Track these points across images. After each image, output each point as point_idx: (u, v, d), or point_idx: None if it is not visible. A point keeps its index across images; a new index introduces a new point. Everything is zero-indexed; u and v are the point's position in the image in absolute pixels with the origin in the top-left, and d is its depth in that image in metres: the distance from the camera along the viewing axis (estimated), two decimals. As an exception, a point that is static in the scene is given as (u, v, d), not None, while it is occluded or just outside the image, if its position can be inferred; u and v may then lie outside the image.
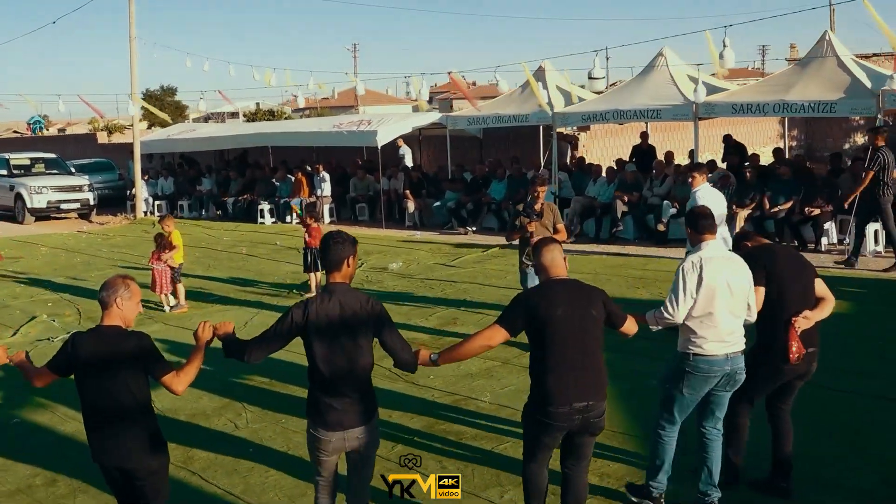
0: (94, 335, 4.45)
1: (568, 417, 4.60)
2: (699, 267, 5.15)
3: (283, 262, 15.78)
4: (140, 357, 4.38)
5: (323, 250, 4.57)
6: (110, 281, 4.55)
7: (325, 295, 4.48)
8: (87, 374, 4.39)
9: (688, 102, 15.39)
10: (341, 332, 4.40)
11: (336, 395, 4.42)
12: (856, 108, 13.54)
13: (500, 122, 18.84)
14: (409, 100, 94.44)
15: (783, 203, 14.29)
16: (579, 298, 4.73)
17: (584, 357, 4.64)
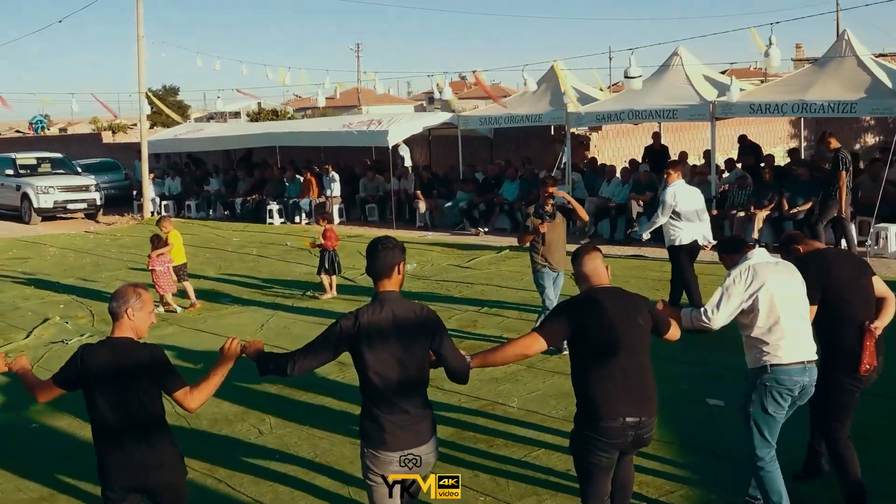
0: (105, 348, 4.24)
1: (621, 433, 4.39)
2: (751, 275, 4.98)
3: (295, 264, 15.63)
4: (153, 370, 4.17)
5: (371, 257, 4.25)
6: (121, 291, 4.33)
7: (375, 304, 4.17)
8: (97, 389, 4.16)
9: (704, 102, 15.23)
10: (396, 343, 4.10)
11: (394, 411, 4.11)
12: (877, 108, 13.38)
13: (512, 123, 18.69)
14: (410, 99, 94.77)
15: (802, 204, 14.13)
16: (626, 307, 4.53)
17: (634, 369, 4.45)
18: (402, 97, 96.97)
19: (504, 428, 7.19)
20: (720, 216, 14.94)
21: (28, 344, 10.63)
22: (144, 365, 4.16)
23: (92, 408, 4.21)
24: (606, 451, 4.45)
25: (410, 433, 4.13)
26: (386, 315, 4.13)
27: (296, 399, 8.07)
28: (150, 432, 4.20)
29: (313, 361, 4.21)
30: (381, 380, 4.10)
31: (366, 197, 21.30)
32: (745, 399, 5.11)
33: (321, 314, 11.45)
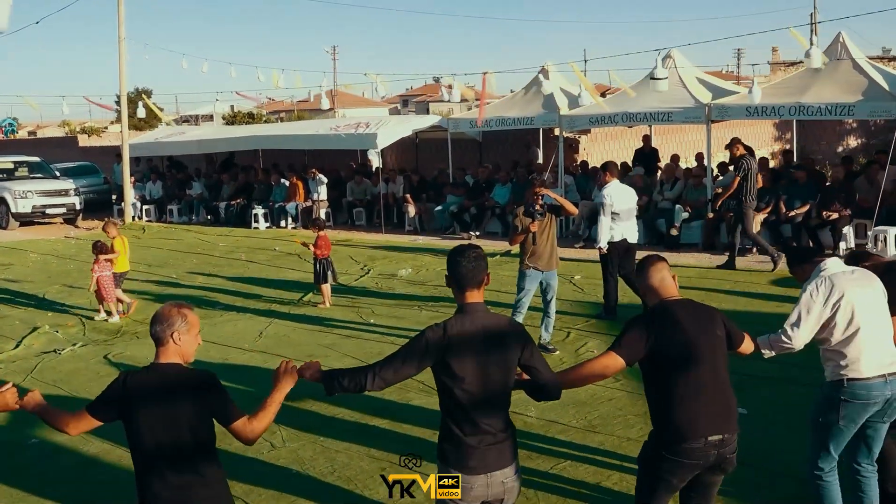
0: (151, 375, 3.90)
1: (703, 454, 4.12)
2: (828, 286, 4.77)
3: (286, 269, 15.37)
4: (206, 399, 3.85)
5: (458, 266, 3.96)
6: (164, 313, 3.97)
7: (463, 317, 3.91)
8: (143, 421, 3.81)
9: (700, 105, 15.14)
10: (486, 357, 3.85)
11: (480, 431, 3.84)
12: (875, 110, 13.34)
13: (503, 125, 18.52)
14: (384, 102, 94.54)
15: (799, 207, 14.06)
16: (702, 319, 4.30)
17: (716, 384, 4.21)
18: (376, 100, 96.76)
19: (524, 439, 6.98)
20: (716, 218, 14.87)
21: (18, 354, 10.30)
22: (197, 394, 3.85)
23: (136, 440, 3.86)
24: (684, 474, 4.21)
25: (494, 454, 3.86)
26: (475, 327, 3.88)
27: (307, 409, 7.80)
28: (201, 466, 3.87)
29: (396, 375, 3.91)
30: (468, 396, 3.84)
31: (353, 201, 21.05)
32: (816, 410, 4.90)
33: (320, 322, 11.23)
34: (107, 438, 6.88)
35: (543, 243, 9.06)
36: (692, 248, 15.17)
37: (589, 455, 6.64)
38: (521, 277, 9.20)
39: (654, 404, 4.29)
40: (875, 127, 29.46)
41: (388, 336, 10.30)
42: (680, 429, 4.13)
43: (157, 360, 3.94)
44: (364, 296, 12.78)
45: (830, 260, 4.94)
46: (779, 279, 12.18)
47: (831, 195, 13.88)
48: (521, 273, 9.23)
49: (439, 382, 3.92)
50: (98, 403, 3.96)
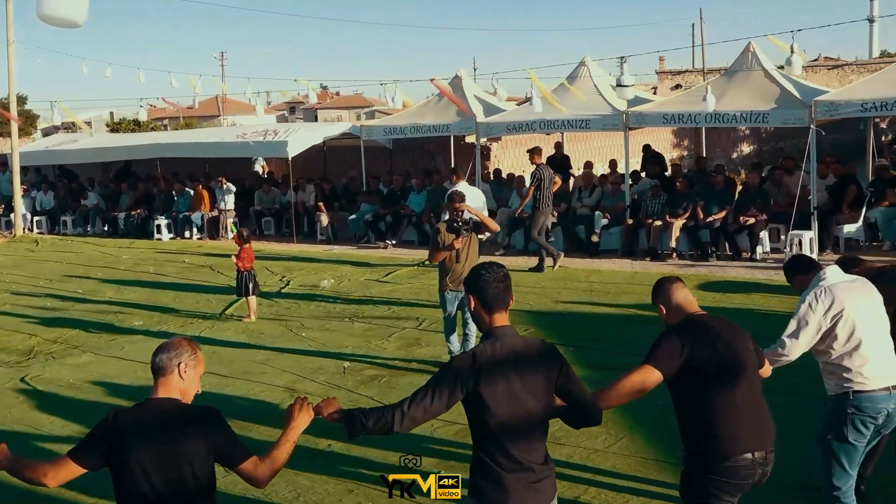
0: (146, 411, 3.49)
1: (750, 471, 3.98)
2: (828, 297, 4.70)
3: (199, 282, 14.76)
4: (210, 439, 3.47)
5: (486, 287, 3.70)
6: (172, 342, 3.64)
7: (493, 342, 3.62)
8: (136, 463, 3.39)
9: (617, 112, 15.30)
10: (520, 384, 3.56)
11: (519, 465, 3.56)
12: (788, 118, 13.70)
13: (417, 133, 18.32)
14: (271, 109, 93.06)
15: (717, 212, 14.34)
16: (734, 333, 4.17)
17: (753, 399, 4.08)
18: (264, 107, 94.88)
19: None
20: (635, 224, 15.04)
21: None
22: (200, 432, 3.46)
23: (127, 487, 3.44)
24: (733, 495, 4.03)
25: (533, 492, 3.57)
26: (506, 352, 3.59)
27: (251, 437, 7.38)
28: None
29: (426, 413, 3.56)
30: (503, 429, 3.54)
31: (262, 210, 20.48)
32: (824, 427, 4.84)
33: (249, 336, 10.80)
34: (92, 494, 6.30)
35: (464, 262, 8.48)
36: (612, 254, 15.30)
37: (559, 469, 6.48)
38: (442, 300, 8.75)
39: (690, 422, 4.12)
40: (766, 134, 30.64)
41: (324, 350, 9.97)
42: (724, 446, 3.98)
43: (155, 394, 3.57)
44: (288, 308, 12.37)
45: (830, 269, 4.89)
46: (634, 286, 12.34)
47: (747, 200, 14.21)
48: (441, 296, 8.77)
49: (471, 414, 3.62)
50: (83, 447, 3.51)
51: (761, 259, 13.91)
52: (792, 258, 5.21)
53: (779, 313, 10.54)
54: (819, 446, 4.88)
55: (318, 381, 8.78)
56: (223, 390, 8.64)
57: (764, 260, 13.92)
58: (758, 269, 13.31)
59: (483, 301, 3.70)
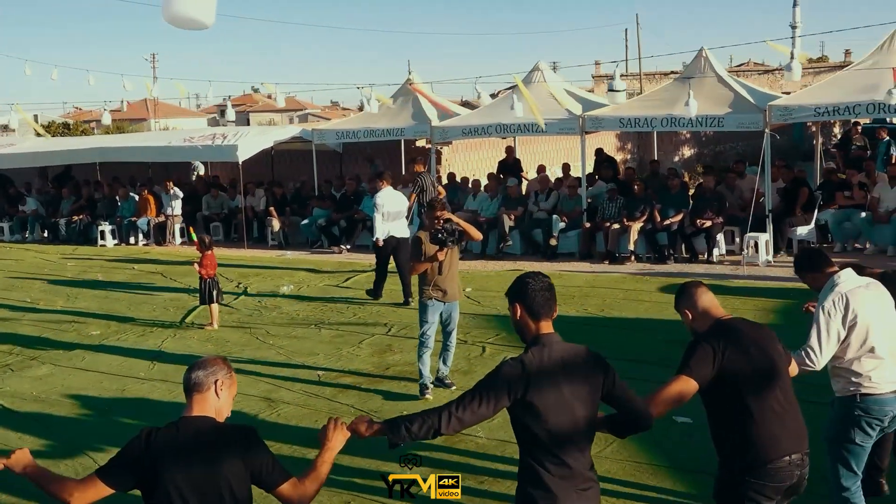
0: (181, 431, 3.37)
1: (788, 473, 4.01)
2: (844, 304, 4.73)
3: (153, 290, 14.41)
4: (248, 460, 3.36)
5: (533, 295, 3.69)
6: (210, 360, 3.55)
7: (540, 349, 3.62)
8: (171, 488, 3.27)
9: (573, 116, 15.38)
10: (569, 392, 3.57)
11: (568, 473, 3.56)
12: (743, 122, 13.91)
13: (371, 137, 18.17)
14: (201, 112, 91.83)
15: (673, 216, 14.51)
16: (763, 336, 4.20)
17: (787, 402, 4.11)
18: (193, 110, 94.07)
19: (480, 463, 6.75)
20: (592, 228, 15.14)
21: None
22: (237, 453, 3.35)
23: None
24: (771, 498, 4.04)
25: (582, 499, 3.58)
26: (553, 359, 3.59)
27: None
28: None
29: (474, 416, 3.56)
30: (552, 436, 3.54)
31: (210, 215, 20.09)
32: (830, 429, 4.89)
33: (215, 345, 10.56)
34: None
35: (447, 272, 8.23)
36: (569, 258, 15.38)
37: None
38: (423, 310, 8.30)
39: (725, 427, 4.13)
40: (706, 138, 31.17)
41: (295, 358, 9.79)
42: (763, 449, 4.00)
43: (189, 412, 3.44)
44: (250, 315, 12.14)
45: (845, 272, 4.90)
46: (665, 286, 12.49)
47: (704, 203, 14.41)
48: (422, 305, 8.34)
49: (519, 422, 3.60)
50: (113, 467, 3.37)
51: (718, 261, 14.12)
52: (804, 253, 5.19)
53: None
54: (828, 449, 4.91)
55: (295, 391, 8.62)
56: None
57: (721, 262, 14.12)
58: (716, 271, 13.50)
59: (530, 309, 3.70)
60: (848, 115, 13.65)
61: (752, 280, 12.69)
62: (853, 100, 13.00)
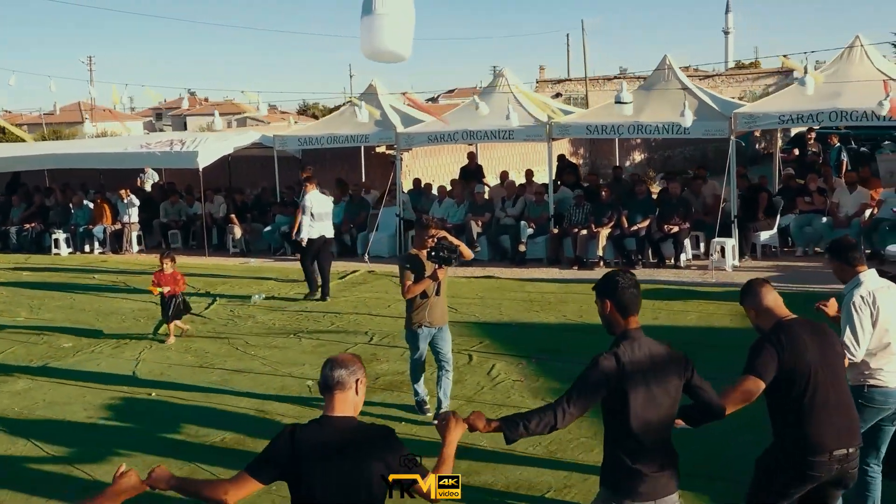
0: (325, 430, 3.51)
1: (827, 468, 4.29)
2: (871, 301, 5.03)
3: (119, 299, 14.13)
4: (391, 458, 3.51)
5: (623, 292, 3.99)
6: (345, 358, 3.68)
7: (631, 343, 3.92)
8: (314, 482, 3.43)
9: (541, 123, 15.50)
10: (656, 383, 3.89)
11: (650, 458, 3.88)
12: (709, 129, 14.16)
13: (335, 143, 18.07)
14: (137, 115, 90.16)
15: (641, 221, 14.71)
16: (823, 336, 4.46)
17: (839, 399, 4.38)
18: (128, 113, 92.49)
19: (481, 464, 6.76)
20: (560, 234, 15.27)
21: None
22: (378, 452, 3.49)
23: (302, 502, 3.47)
24: (805, 486, 4.36)
25: (663, 480, 3.91)
26: (643, 353, 3.91)
27: (239, 449, 7.14)
28: None
29: (580, 409, 3.86)
30: (642, 424, 3.85)
31: (168, 222, 19.76)
32: None
33: (195, 356, 10.43)
34: None
35: (442, 294, 7.77)
36: (538, 263, 15.49)
37: (561, 481, 6.52)
38: (413, 338, 7.80)
39: (778, 419, 4.43)
40: (655, 143, 31.65)
41: (282, 368, 9.70)
42: (807, 444, 4.28)
43: (331, 412, 3.58)
44: (225, 325, 11.99)
45: (869, 273, 5.20)
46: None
47: (670, 209, 14.64)
48: (410, 333, 7.81)
49: (609, 411, 3.90)
50: (261, 463, 3.53)
51: (685, 266, 14.36)
52: (845, 244, 5.40)
53: (722, 325, 10.90)
54: None
55: (288, 402, 8.53)
56: (186, 413, 8.31)
57: (688, 266, 14.36)
58: (685, 276, 13.73)
59: (619, 305, 4.00)
60: (811, 123, 14.01)
61: (720, 286, 12.89)
62: (816, 108, 13.33)
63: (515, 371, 9.28)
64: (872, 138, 24.02)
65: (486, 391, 8.68)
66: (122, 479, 3.50)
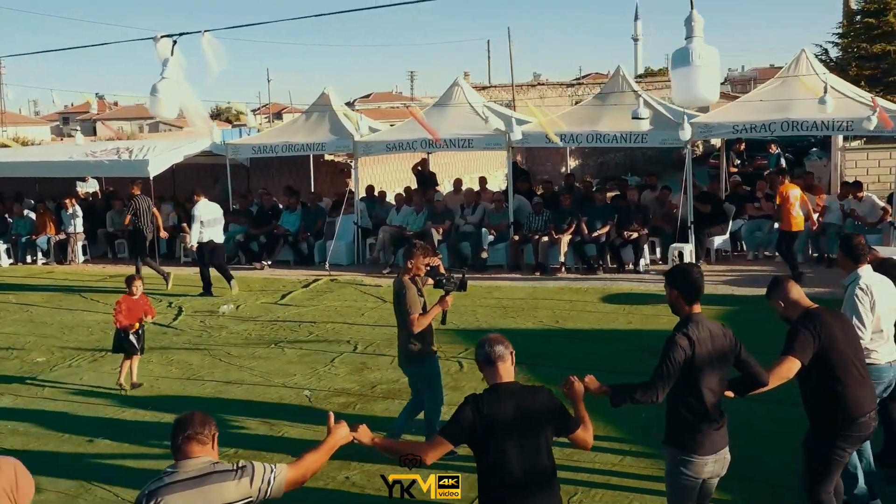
0: (503, 395, 4.07)
1: (869, 426, 5.16)
2: (870, 292, 5.79)
3: (80, 311, 13.86)
4: (555, 414, 4.13)
5: (694, 281, 4.68)
6: (498, 337, 4.27)
7: (697, 324, 4.60)
8: (502, 440, 3.96)
9: (500, 132, 15.75)
10: (717, 357, 4.61)
11: (713, 420, 4.62)
12: (666, 139, 14.63)
13: (290, 151, 17.99)
14: (42, 120, 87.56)
15: (600, 227, 15.09)
16: (842, 320, 5.34)
17: (862, 371, 5.22)
18: (32, 117, 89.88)
19: None
20: (521, 240, 15.54)
21: None
22: (547, 411, 4.10)
23: (491, 463, 3.99)
24: (855, 446, 5.24)
25: (719, 437, 4.67)
26: (706, 332, 4.61)
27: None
28: (552, 479, 4.11)
29: (671, 384, 4.55)
30: (705, 388, 4.58)
31: (114, 232, 19.37)
32: None
33: (180, 368, 10.35)
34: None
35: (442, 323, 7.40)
36: (498, 270, 15.74)
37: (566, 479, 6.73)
38: (432, 366, 7.35)
39: (818, 394, 5.15)
40: (588, 150, 32.32)
41: (274, 379, 9.70)
42: (853, 409, 5.09)
43: (500, 379, 4.12)
44: (199, 336, 11.88)
45: (866, 268, 5.94)
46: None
47: (629, 215, 15.06)
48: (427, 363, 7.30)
49: (684, 382, 4.55)
50: (453, 429, 4.05)
51: (644, 271, 14.78)
52: (851, 240, 6.07)
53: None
54: None
55: (290, 412, 8.57)
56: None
57: (647, 271, 14.78)
58: (646, 280, 14.15)
59: (687, 293, 4.68)
60: (764, 133, 14.58)
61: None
62: (769, 118, 13.92)
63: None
64: (792, 144, 25.06)
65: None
66: (337, 430, 3.92)
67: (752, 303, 12.13)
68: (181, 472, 3.50)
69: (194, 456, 3.55)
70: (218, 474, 3.50)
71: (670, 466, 4.74)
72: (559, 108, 36.12)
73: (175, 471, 3.52)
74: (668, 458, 4.77)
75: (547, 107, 27.25)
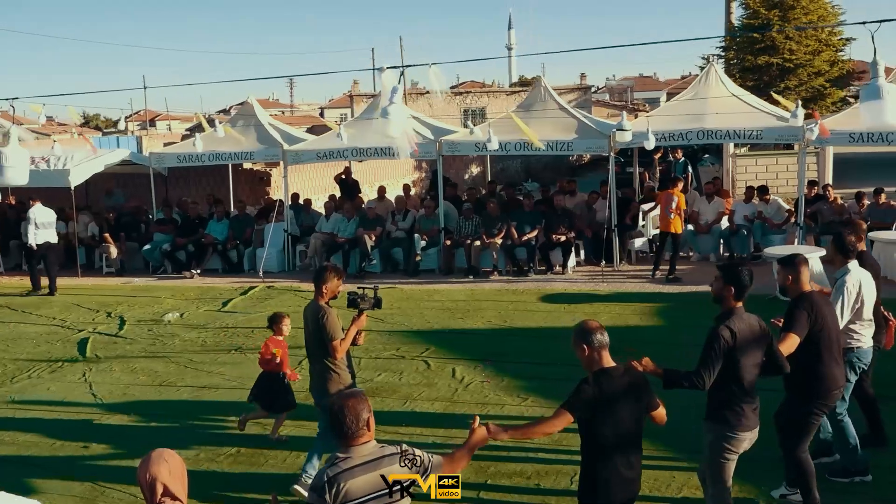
0: (614, 377, 4.68)
1: (837, 397, 6.18)
2: (858, 285, 6.60)
3: (13, 323, 13.64)
4: (647, 391, 4.83)
5: (742, 279, 5.28)
6: (597, 325, 4.79)
7: (739, 318, 5.27)
8: (610, 414, 4.60)
9: (431, 141, 16.27)
10: (756, 348, 5.30)
11: (753, 400, 5.35)
12: (591, 147, 15.50)
13: (219, 160, 18.04)
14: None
15: (529, 232, 15.80)
16: (829, 304, 6.23)
17: (840, 352, 6.15)
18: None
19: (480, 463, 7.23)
20: (453, 245, 16.09)
21: None
22: (642, 391, 4.79)
23: (600, 431, 4.62)
24: (824, 412, 6.18)
25: (755, 416, 5.39)
26: (747, 324, 5.30)
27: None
28: (640, 450, 4.81)
29: (716, 373, 5.20)
30: (746, 375, 5.26)
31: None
32: None
33: (148, 376, 10.45)
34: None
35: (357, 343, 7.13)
36: (431, 274, 16.24)
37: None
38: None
39: (803, 367, 5.90)
40: (491, 157, 33.20)
41: (247, 384, 9.80)
42: (830, 381, 6.02)
43: (606, 364, 4.73)
44: (154, 345, 11.93)
45: (853, 263, 6.74)
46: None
47: (557, 220, 15.82)
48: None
49: (729, 370, 5.20)
50: (576, 402, 4.63)
51: (573, 272, 15.57)
52: (844, 238, 6.85)
53: (635, 323, 12.07)
54: None
55: (289, 416, 8.81)
56: (186, 433, 8.48)
57: (575, 272, 15.57)
58: (576, 281, 14.93)
59: (738, 290, 5.32)
60: (681, 141, 15.62)
61: (611, 290, 14.18)
62: (686, 127, 14.96)
63: (476, 373, 9.98)
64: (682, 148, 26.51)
65: (461, 392, 9.35)
66: (478, 432, 4.38)
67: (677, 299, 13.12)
68: (356, 456, 3.86)
69: (367, 441, 3.91)
70: (388, 458, 3.90)
71: (713, 442, 5.41)
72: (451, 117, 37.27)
73: (349, 455, 3.86)
74: (711, 435, 5.42)
75: (437, 116, 28.03)
